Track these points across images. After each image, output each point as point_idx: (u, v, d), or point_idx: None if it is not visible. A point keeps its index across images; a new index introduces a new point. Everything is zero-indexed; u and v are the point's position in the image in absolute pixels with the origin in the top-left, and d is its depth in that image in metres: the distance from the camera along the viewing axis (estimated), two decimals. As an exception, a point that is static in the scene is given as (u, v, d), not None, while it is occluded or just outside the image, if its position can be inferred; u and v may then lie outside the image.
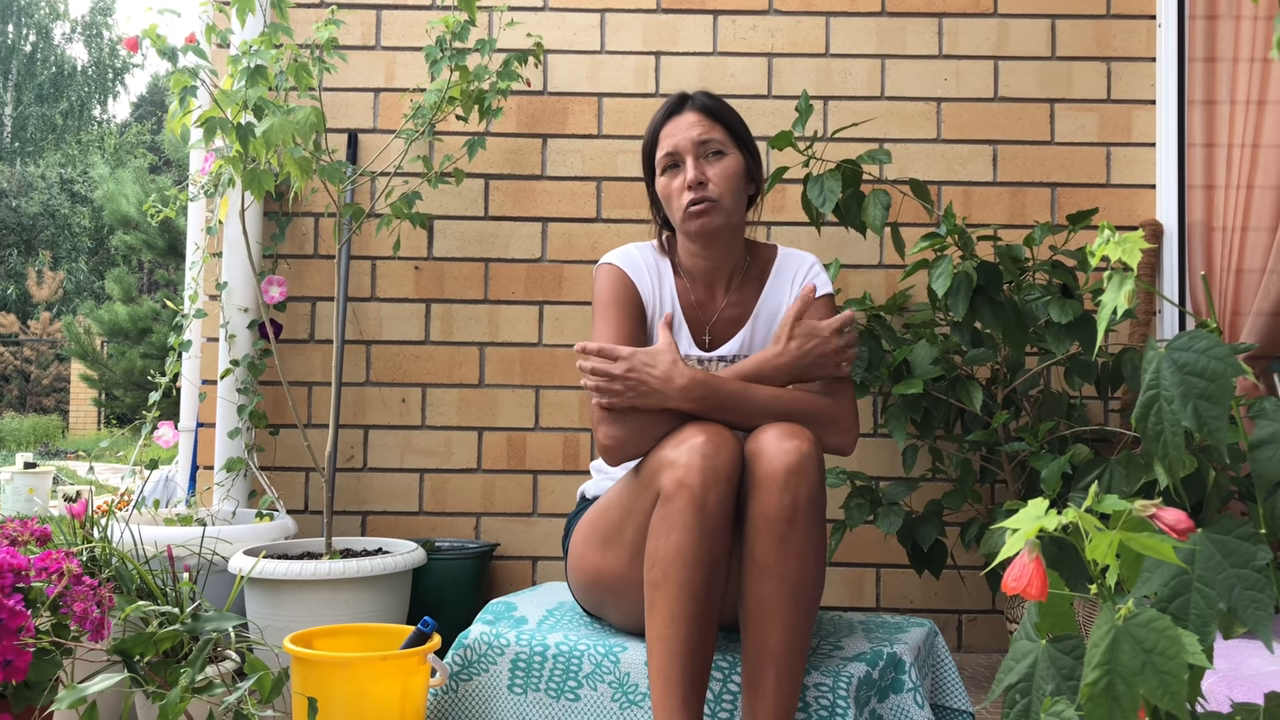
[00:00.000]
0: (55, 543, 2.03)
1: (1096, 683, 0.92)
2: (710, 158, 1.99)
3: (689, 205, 1.98)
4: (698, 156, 1.99)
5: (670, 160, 2.02)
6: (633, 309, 2.03)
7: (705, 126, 2.00)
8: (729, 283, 2.09)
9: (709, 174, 1.98)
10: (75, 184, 23.31)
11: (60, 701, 1.56)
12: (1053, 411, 2.75)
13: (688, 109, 2.03)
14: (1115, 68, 3.14)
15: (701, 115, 2.02)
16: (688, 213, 1.98)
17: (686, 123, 2.01)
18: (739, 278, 2.10)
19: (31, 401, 16.71)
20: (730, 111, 2.06)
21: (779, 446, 1.72)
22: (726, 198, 1.99)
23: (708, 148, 1.99)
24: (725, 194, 1.99)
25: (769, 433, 1.76)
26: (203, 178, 2.87)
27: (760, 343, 2.08)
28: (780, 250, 2.15)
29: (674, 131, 2.01)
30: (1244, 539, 1.00)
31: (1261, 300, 2.89)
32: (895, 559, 3.04)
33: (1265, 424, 1.06)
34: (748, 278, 2.10)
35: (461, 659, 2.01)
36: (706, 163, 1.99)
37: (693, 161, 1.98)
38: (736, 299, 2.09)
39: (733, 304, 2.08)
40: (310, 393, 3.12)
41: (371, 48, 3.18)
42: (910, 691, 1.91)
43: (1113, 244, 1.03)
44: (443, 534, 3.10)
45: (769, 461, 1.72)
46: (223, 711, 1.62)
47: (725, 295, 2.09)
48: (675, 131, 2.01)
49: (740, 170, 2.02)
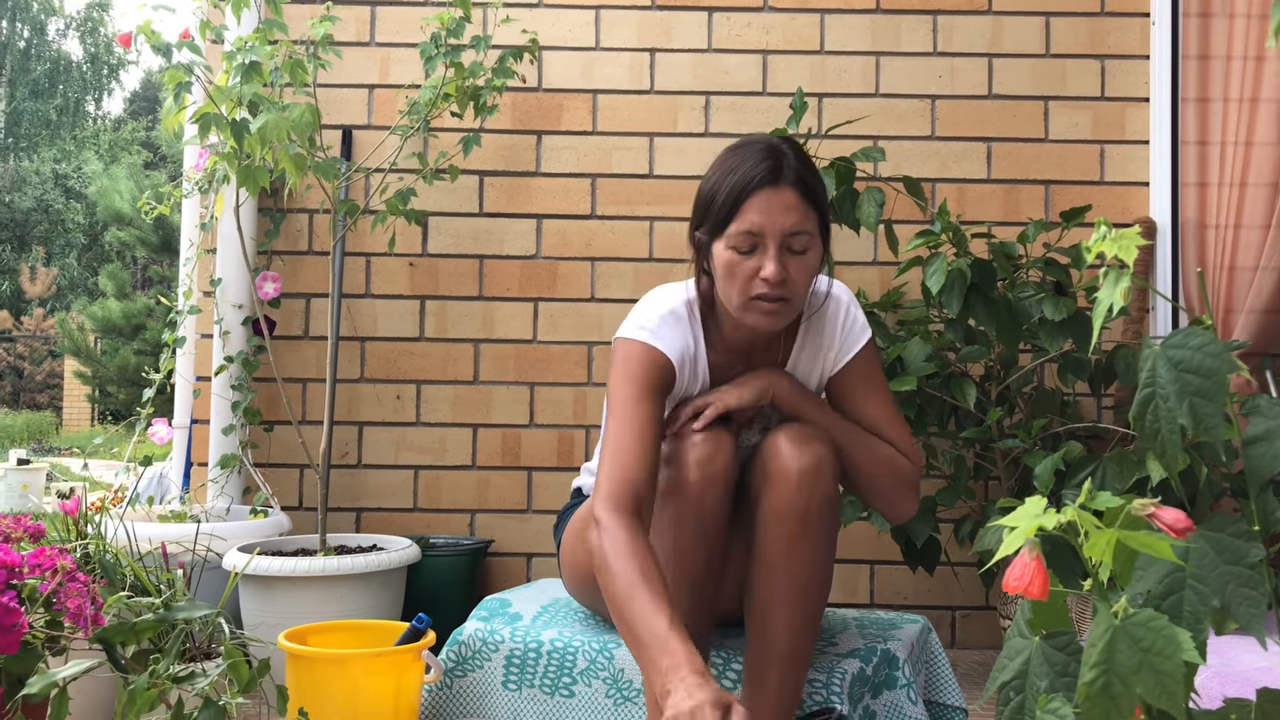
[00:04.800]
0: (49, 539, 2.03)
1: (1094, 682, 0.92)
2: (792, 253, 1.71)
3: (758, 297, 1.71)
4: (782, 248, 1.70)
5: (750, 241, 1.70)
6: (662, 399, 1.78)
7: (801, 215, 1.70)
8: (768, 351, 1.90)
9: (791, 272, 1.70)
10: (69, 180, 23.25)
11: (31, 686, 1.56)
12: (1046, 408, 2.76)
13: (784, 183, 1.70)
14: (1109, 65, 3.15)
15: (799, 197, 1.70)
16: (753, 304, 1.72)
17: (782, 204, 1.69)
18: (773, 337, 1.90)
19: (25, 398, 16.67)
20: (822, 187, 1.76)
21: (796, 448, 1.71)
22: (799, 298, 1.74)
23: (793, 242, 1.70)
24: (799, 294, 1.73)
25: (786, 433, 1.74)
26: (197, 174, 2.87)
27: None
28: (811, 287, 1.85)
29: (764, 209, 1.69)
30: (1237, 536, 1.00)
31: (1255, 297, 2.90)
32: (889, 555, 3.05)
33: (1259, 421, 1.06)
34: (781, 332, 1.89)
35: (456, 655, 2.01)
36: (790, 257, 1.71)
37: (776, 253, 1.69)
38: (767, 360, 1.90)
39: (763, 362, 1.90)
40: (305, 389, 3.12)
41: (366, 44, 3.17)
42: (904, 688, 1.91)
43: (1109, 240, 1.03)
44: (437, 531, 3.10)
45: (785, 460, 1.70)
46: (194, 696, 1.62)
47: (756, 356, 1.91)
48: (766, 209, 1.69)
49: (817, 266, 1.77)
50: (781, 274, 1.69)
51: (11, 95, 25.96)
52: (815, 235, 1.73)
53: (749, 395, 1.79)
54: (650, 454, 1.68)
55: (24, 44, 26.52)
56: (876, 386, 1.88)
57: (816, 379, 1.91)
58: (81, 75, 27.32)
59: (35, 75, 26.28)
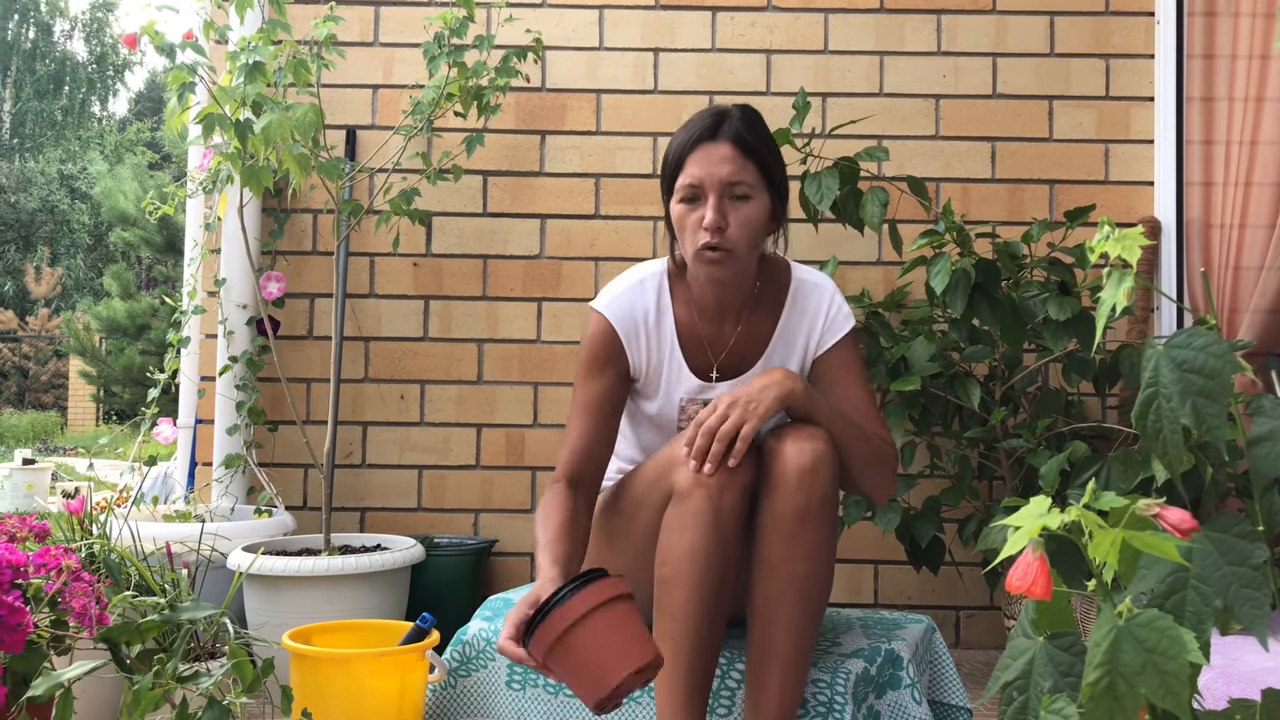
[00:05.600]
0: (54, 539, 2.03)
1: (1098, 682, 0.92)
2: (734, 200, 1.81)
3: (702, 248, 1.81)
4: (721, 196, 1.80)
5: (691, 192, 1.82)
6: (610, 375, 1.91)
7: (737, 166, 1.80)
8: (739, 314, 1.94)
9: (730, 219, 1.80)
10: (74, 180, 23.29)
11: (36, 686, 1.56)
12: (1050, 408, 2.76)
13: (722, 137, 1.81)
14: (1114, 65, 3.15)
15: (736, 149, 1.80)
16: (699, 254, 1.82)
17: (718, 155, 1.80)
18: (749, 307, 1.95)
19: (30, 398, 16.70)
20: (767, 144, 1.86)
21: (795, 446, 1.72)
22: (742, 247, 1.82)
23: (734, 190, 1.80)
24: (742, 243, 1.81)
25: (785, 433, 1.75)
26: (201, 174, 2.87)
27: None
28: (794, 272, 1.97)
29: (703, 161, 1.81)
30: (1241, 537, 1.00)
31: (1259, 297, 2.89)
32: (893, 555, 3.04)
33: (1263, 421, 1.06)
34: (759, 305, 1.96)
35: (460, 655, 2.01)
36: (730, 206, 1.80)
37: (715, 201, 1.79)
38: (747, 331, 1.95)
39: (744, 336, 1.95)
40: (309, 389, 3.12)
41: (370, 44, 3.17)
42: (908, 688, 1.91)
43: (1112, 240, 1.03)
44: (441, 530, 3.10)
45: (784, 460, 1.71)
46: (199, 696, 1.62)
47: (736, 326, 1.95)
48: (704, 162, 1.80)
49: (763, 216, 1.84)
50: (718, 221, 1.79)
51: (17, 95, 26.01)
52: (755, 186, 1.82)
53: (771, 406, 1.74)
54: (591, 427, 1.88)
55: (30, 44, 26.57)
56: (858, 374, 1.94)
57: (799, 358, 1.95)
58: (87, 76, 27.37)
59: (41, 76, 26.33)
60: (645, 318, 1.92)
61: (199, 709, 1.59)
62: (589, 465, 1.86)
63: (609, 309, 1.92)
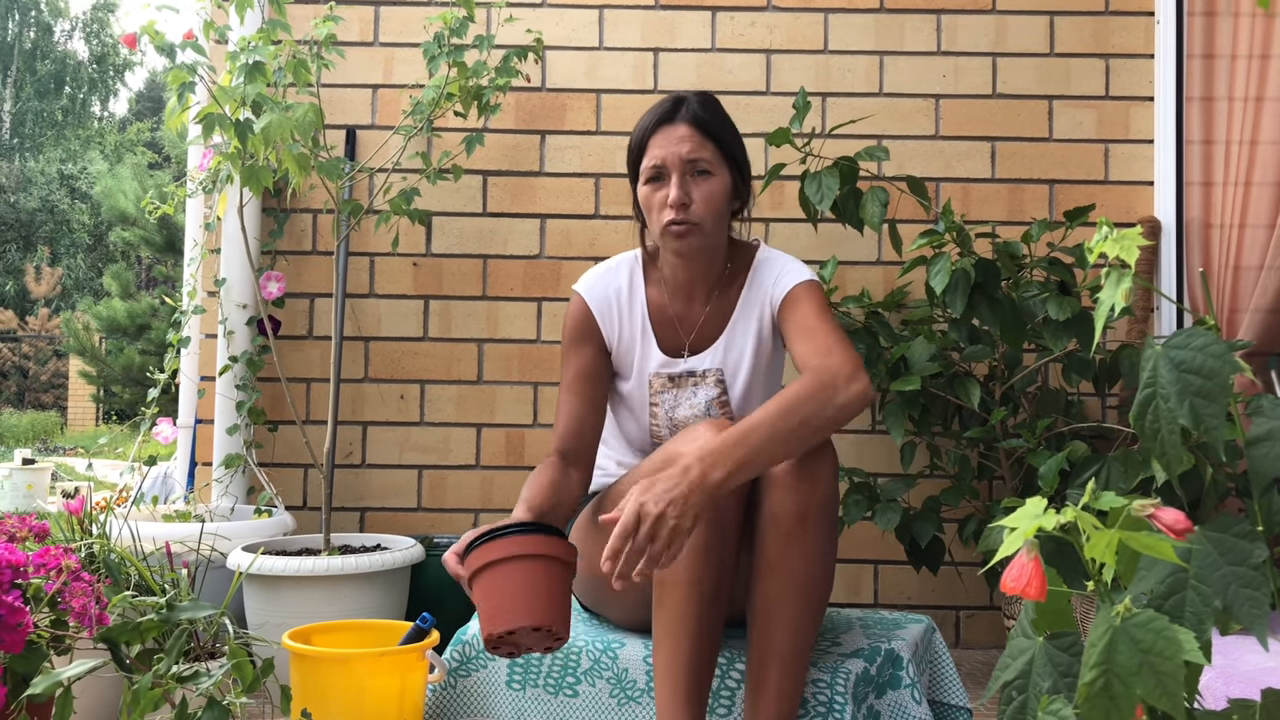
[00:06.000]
0: (54, 539, 2.03)
1: (1094, 683, 0.92)
2: (696, 176, 1.90)
3: (669, 224, 1.89)
4: (684, 174, 1.89)
5: (655, 172, 1.91)
6: (590, 350, 2.01)
7: (695, 143, 1.89)
8: (709, 293, 2.01)
9: (693, 195, 1.89)
10: (74, 180, 23.29)
11: (35, 686, 1.56)
12: (1050, 408, 2.76)
13: (680, 119, 1.91)
14: (1114, 64, 3.14)
15: (693, 129, 1.90)
16: (667, 230, 1.90)
17: (677, 135, 1.90)
18: (719, 286, 2.02)
19: (30, 398, 16.70)
20: (724, 124, 1.95)
21: None
22: (708, 220, 1.90)
23: (695, 166, 1.89)
24: (707, 217, 1.90)
25: None
26: (201, 174, 2.87)
27: (738, 353, 1.99)
28: (760, 252, 2.04)
29: (663, 142, 1.90)
30: (1240, 537, 1.00)
31: (1259, 297, 2.89)
32: (893, 555, 3.04)
33: (1262, 421, 1.06)
34: (729, 285, 2.02)
35: (460, 655, 2.01)
36: (692, 181, 1.89)
37: (678, 179, 1.88)
38: (716, 309, 2.01)
39: (712, 314, 2.01)
40: (309, 389, 3.12)
41: (370, 44, 3.17)
42: (908, 688, 1.91)
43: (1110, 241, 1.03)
44: (441, 530, 3.10)
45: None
46: (198, 696, 1.62)
47: (705, 305, 2.01)
48: (664, 143, 1.90)
49: (725, 191, 1.93)
50: (682, 196, 1.88)
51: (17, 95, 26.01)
52: (715, 163, 1.91)
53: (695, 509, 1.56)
54: (578, 401, 1.97)
55: (30, 44, 26.57)
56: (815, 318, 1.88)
57: (756, 327, 1.99)
58: (88, 76, 27.37)
59: (41, 75, 26.33)
60: (618, 296, 2.03)
61: (199, 709, 1.60)
62: (580, 438, 1.95)
63: (584, 288, 2.05)
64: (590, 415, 1.97)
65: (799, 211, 3.05)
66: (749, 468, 1.62)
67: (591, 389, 1.99)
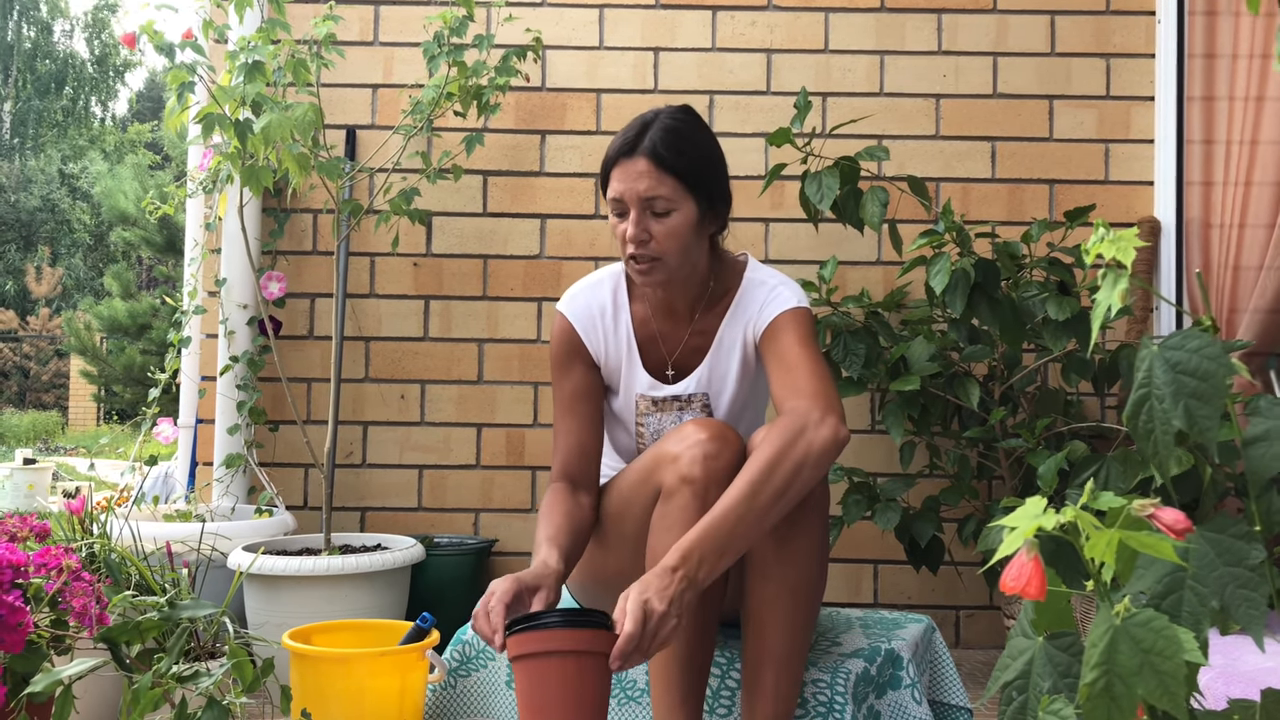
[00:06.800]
0: (54, 539, 2.04)
1: (1095, 683, 0.92)
2: (655, 216, 1.81)
3: (628, 258, 1.84)
4: (642, 211, 1.81)
5: (617, 206, 1.83)
6: (580, 369, 1.96)
7: (653, 181, 1.79)
8: (691, 313, 1.95)
9: (653, 231, 1.81)
10: (75, 180, 23.29)
11: (35, 685, 1.56)
12: (1050, 408, 2.76)
13: (640, 153, 1.81)
14: (1114, 64, 3.15)
15: (652, 165, 1.79)
16: (628, 263, 1.85)
17: (635, 171, 1.80)
18: (702, 306, 1.96)
19: (31, 397, 16.71)
20: (688, 158, 1.82)
21: None
22: (671, 255, 1.83)
23: (652, 206, 1.80)
24: (670, 252, 1.82)
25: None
26: (201, 174, 2.87)
27: (722, 376, 1.94)
28: (749, 271, 1.96)
29: (622, 176, 1.82)
30: (1238, 537, 1.00)
31: (1259, 297, 2.89)
32: (893, 555, 3.04)
33: (1259, 421, 1.06)
34: (713, 304, 1.96)
35: (460, 655, 2.01)
36: (652, 220, 1.81)
37: (636, 215, 1.81)
38: (700, 328, 1.96)
39: (696, 333, 1.96)
40: (309, 389, 3.13)
41: (370, 44, 3.17)
42: (908, 688, 1.91)
43: (1107, 242, 1.03)
44: (441, 530, 3.10)
45: None
46: (198, 696, 1.63)
47: (689, 324, 1.96)
48: (623, 177, 1.81)
49: (689, 225, 1.83)
50: (639, 235, 1.81)
51: (18, 95, 26.01)
52: (675, 198, 1.81)
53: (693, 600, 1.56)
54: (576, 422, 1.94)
55: (30, 44, 26.57)
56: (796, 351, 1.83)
57: (739, 352, 1.94)
58: (89, 75, 27.37)
59: (41, 75, 26.33)
60: (602, 313, 1.97)
61: (199, 709, 1.60)
62: (582, 459, 1.92)
63: (566, 307, 1.99)
64: (590, 436, 1.94)
65: (799, 211, 3.05)
66: (730, 554, 1.59)
67: (587, 407, 1.95)
